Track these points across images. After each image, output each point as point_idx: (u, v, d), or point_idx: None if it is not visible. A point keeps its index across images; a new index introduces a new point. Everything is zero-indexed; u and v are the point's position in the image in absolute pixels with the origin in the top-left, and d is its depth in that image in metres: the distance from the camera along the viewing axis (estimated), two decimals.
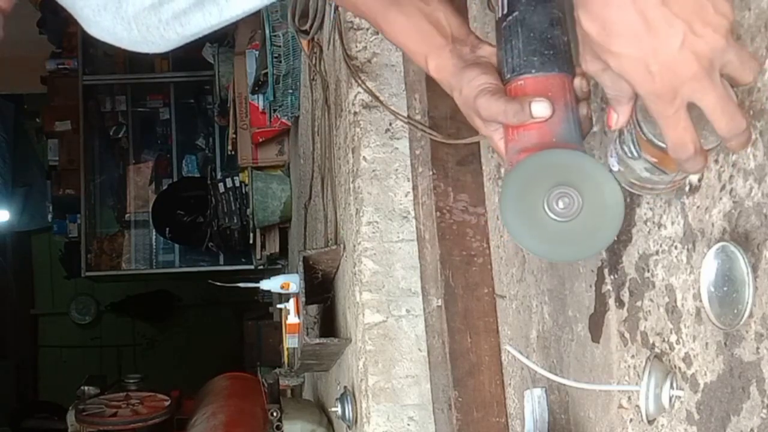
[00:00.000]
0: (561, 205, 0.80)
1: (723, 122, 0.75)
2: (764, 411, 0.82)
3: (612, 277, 1.13)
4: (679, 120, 0.75)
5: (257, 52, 4.27)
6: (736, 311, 0.80)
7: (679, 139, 0.76)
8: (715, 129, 0.76)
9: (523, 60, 0.87)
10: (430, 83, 1.77)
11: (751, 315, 0.80)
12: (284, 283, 2.61)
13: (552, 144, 0.84)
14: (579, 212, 0.80)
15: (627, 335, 1.09)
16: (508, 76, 0.89)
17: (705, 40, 0.71)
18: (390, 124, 1.98)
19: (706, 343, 0.91)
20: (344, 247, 2.27)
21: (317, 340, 2.33)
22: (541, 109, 0.85)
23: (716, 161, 0.89)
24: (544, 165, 0.82)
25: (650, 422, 1.02)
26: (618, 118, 0.82)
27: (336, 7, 2.21)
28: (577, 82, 0.88)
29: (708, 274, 0.83)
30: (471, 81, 0.90)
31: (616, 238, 1.11)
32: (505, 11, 0.90)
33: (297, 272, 2.42)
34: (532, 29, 0.87)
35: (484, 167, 1.72)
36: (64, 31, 6.67)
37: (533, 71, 0.87)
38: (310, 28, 2.58)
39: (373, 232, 1.95)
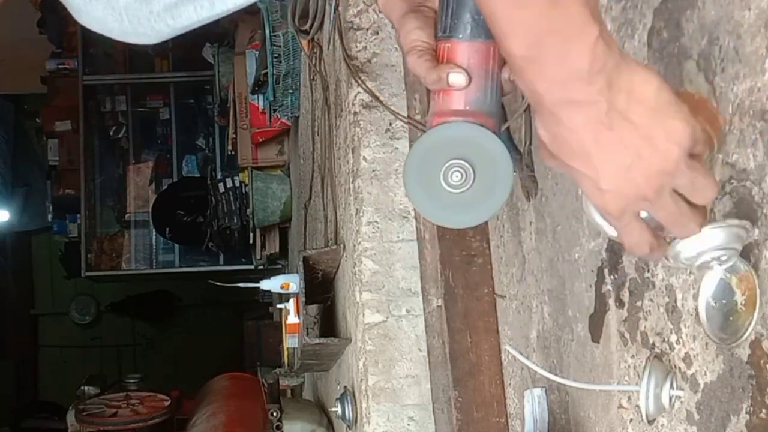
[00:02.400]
0: (455, 177, 0.85)
1: (677, 232, 0.79)
2: (764, 411, 0.82)
3: (612, 277, 1.13)
4: (632, 230, 0.77)
5: (257, 52, 4.27)
6: (734, 330, 0.81)
7: (633, 244, 0.79)
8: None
9: (454, 22, 0.90)
10: None
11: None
12: (284, 283, 2.61)
13: (463, 112, 0.88)
14: (472, 184, 0.85)
15: (627, 335, 1.09)
16: (440, 34, 0.92)
17: (653, 165, 0.72)
18: (390, 124, 1.98)
19: (706, 343, 0.91)
20: (344, 247, 2.27)
21: (317, 340, 2.33)
22: (457, 79, 0.87)
23: (716, 161, 0.89)
24: (441, 140, 0.87)
25: (650, 422, 1.02)
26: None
27: (336, 7, 2.21)
28: None
29: (707, 290, 0.84)
30: (407, 33, 0.92)
31: (609, 239, 1.11)
32: None
33: (297, 272, 2.42)
34: None
35: None
36: (64, 31, 6.66)
37: (460, 36, 0.89)
38: (310, 28, 2.58)
39: (373, 232, 1.95)
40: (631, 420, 1.09)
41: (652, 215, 0.77)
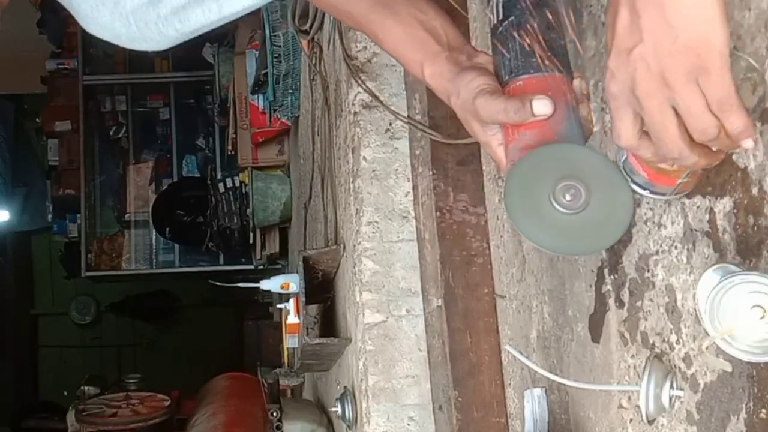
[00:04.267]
0: (567, 197, 0.79)
1: (657, 145, 0.78)
2: (764, 411, 0.82)
3: (612, 277, 1.13)
4: (619, 115, 0.78)
5: (257, 52, 4.27)
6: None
7: (615, 129, 0.79)
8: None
9: (521, 61, 0.87)
10: None
11: None
12: (284, 283, 2.61)
13: (555, 142, 0.84)
14: (586, 205, 0.79)
15: (627, 335, 1.09)
16: (507, 78, 0.88)
17: (653, 66, 0.72)
18: (390, 124, 1.98)
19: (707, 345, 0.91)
20: (344, 247, 2.27)
21: (317, 340, 2.33)
22: (542, 106, 0.84)
23: None
24: (549, 158, 0.81)
25: (650, 422, 1.02)
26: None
27: None
28: (577, 83, 0.88)
29: (705, 292, 0.83)
30: (469, 83, 0.89)
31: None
32: (501, 17, 0.90)
33: (297, 272, 2.42)
34: (528, 32, 0.87)
35: (484, 167, 1.72)
36: (64, 31, 6.66)
37: (532, 71, 0.86)
38: (310, 28, 2.59)
39: (373, 232, 1.94)
40: (631, 420, 1.09)
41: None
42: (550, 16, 0.88)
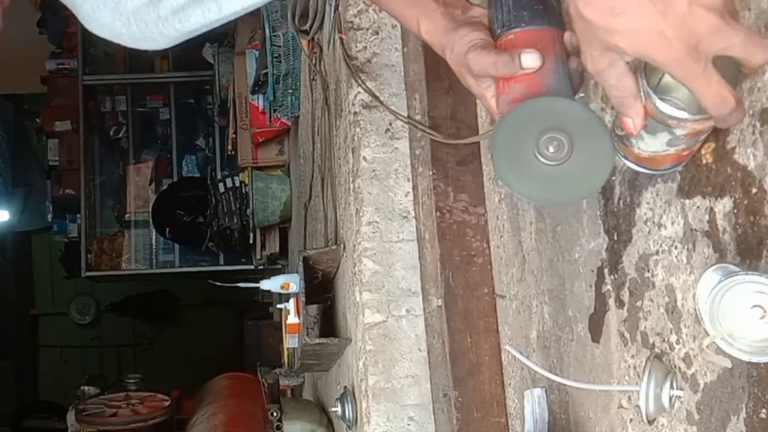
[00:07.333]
0: (551, 149, 0.80)
1: (760, 56, 0.73)
2: (764, 411, 0.82)
3: (612, 277, 1.13)
4: (710, 76, 0.73)
5: (257, 52, 4.27)
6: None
7: (716, 95, 0.74)
8: (752, 66, 0.74)
9: (513, 15, 0.89)
10: (431, 83, 1.77)
11: None
12: (284, 283, 2.61)
13: (542, 94, 0.85)
14: (569, 156, 0.80)
15: (627, 335, 1.09)
16: (499, 31, 0.90)
17: None
18: (390, 124, 1.98)
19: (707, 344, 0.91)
20: (344, 247, 2.27)
21: (317, 340, 2.33)
22: (530, 59, 0.85)
23: (716, 160, 0.89)
24: (534, 111, 0.83)
25: (650, 422, 1.02)
26: (633, 121, 0.81)
27: (336, 7, 2.21)
28: (567, 36, 0.88)
29: (705, 292, 0.83)
30: (462, 38, 0.91)
31: (616, 237, 1.11)
32: None
33: (297, 272, 2.42)
34: None
35: (484, 167, 1.72)
36: (64, 31, 6.67)
37: (523, 25, 0.88)
38: (310, 28, 2.58)
39: (373, 232, 1.94)
40: (631, 420, 1.09)
41: (725, 52, 0.72)
42: None
